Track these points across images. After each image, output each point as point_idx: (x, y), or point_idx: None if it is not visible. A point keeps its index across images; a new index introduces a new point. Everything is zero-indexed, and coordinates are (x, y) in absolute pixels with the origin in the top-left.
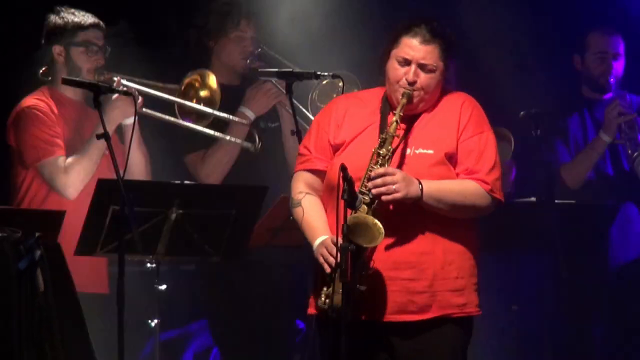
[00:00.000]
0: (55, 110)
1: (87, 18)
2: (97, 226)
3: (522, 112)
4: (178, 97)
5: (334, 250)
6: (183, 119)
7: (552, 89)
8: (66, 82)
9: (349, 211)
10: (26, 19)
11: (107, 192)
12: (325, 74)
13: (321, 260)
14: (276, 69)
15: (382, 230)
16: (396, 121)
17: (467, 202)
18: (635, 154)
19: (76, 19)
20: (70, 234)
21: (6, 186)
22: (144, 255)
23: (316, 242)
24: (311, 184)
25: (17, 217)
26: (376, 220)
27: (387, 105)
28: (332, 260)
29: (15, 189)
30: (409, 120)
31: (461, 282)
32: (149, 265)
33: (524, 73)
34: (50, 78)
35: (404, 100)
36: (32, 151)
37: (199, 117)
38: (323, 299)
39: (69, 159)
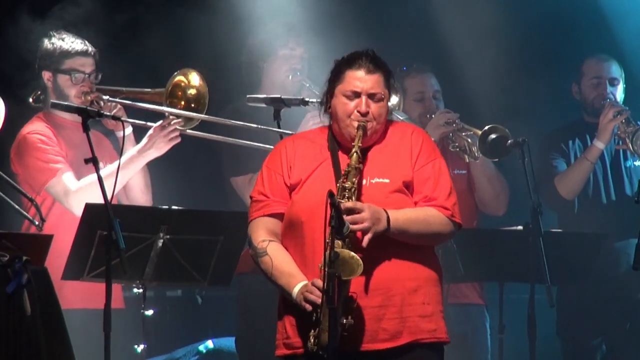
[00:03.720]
0: (55, 134)
1: (75, 45)
2: (85, 251)
3: (510, 141)
4: (165, 99)
5: (316, 290)
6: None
7: (553, 115)
8: (55, 106)
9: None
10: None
11: (94, 216)
12: (313, 100)
13: (303, 304)
14: (264, 95)
15: (360, 262)
16: (356, 152)
17: (431, 230)
18: (633, 129)
19: (64, 46)
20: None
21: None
22: (131, 281)
23: (296, 289)
24: (272, 229)
25: (4, 241)
26: (352, 253)
27: (335, 143)
28: (313, 298)
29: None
30: (362, 152)
31: (429, 308)
32: (135, 290)
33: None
34: (41, 104)
35: (360, 132)
36: (38, 175)
37: (187, 119)
38: (312, 340)
39: (82, 180)
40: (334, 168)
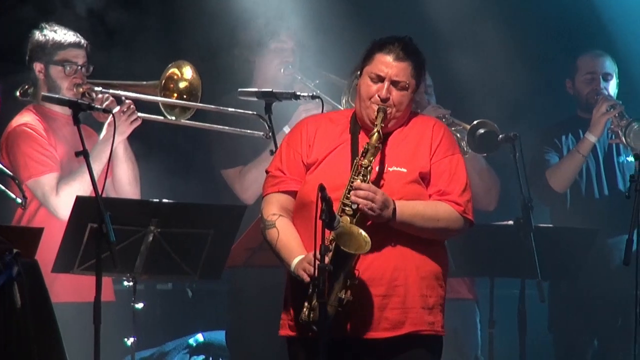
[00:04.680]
0: (46, 128)
1: (68, 37)
2: (75, 243)
3: (501, 135)
4: (160, 92)
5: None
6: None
7: (547, 111)
8: (46, 99)
9: (327, 231)
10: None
11: (85, 209)
12: (305, 94)
13: (302, 274)
14: (256, 89)
15: (368, 239)
16: (378, 132)
17: (439, 225)
18: (626, 122)
19: (57, 37)
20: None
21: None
22: (121, 274)
23: (295, 261)
24: (285, 206)
25: None
26: (361, 230)
27: (357, 125)
28: (312, 269)
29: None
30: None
31: (430, 300)
32: (125, 283)
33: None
34: (29, 98)
35: (381, 114)
36: (23, 169)
37: (182, 110)
38: (306, 312)
39: (61, 181)
40: (352, 150)
